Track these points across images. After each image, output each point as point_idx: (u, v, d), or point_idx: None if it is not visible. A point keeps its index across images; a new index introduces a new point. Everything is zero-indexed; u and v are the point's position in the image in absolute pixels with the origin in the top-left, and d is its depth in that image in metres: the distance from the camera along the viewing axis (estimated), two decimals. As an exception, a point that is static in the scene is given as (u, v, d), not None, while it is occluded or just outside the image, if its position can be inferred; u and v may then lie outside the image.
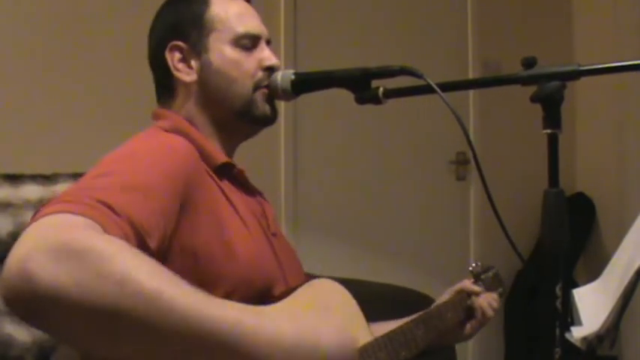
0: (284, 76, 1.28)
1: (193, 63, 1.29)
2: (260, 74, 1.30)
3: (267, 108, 1.30)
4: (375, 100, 1.22)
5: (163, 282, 0.85)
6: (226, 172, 1.26)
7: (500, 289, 1.76)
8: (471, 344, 3.56)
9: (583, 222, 3.77)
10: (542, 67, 1.07)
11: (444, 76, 1.20)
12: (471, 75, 3.58)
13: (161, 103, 1.34)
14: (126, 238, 0.92)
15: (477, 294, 1.62)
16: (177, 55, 1.29)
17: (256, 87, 1.30)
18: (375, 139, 3.36)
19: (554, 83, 1.04)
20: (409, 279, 2.75)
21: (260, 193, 1.39)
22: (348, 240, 3.24)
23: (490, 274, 1.74)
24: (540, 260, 3.53)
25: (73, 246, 0.82)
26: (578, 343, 1.19)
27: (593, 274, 1.37)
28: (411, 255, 3.38)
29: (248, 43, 1.30)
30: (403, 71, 1.18)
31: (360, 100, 1.24)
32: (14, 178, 1.98)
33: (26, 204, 1.93)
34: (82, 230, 0.86)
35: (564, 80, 1.05)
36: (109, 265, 0.82)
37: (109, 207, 0.92)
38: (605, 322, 1.16)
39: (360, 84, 1.23)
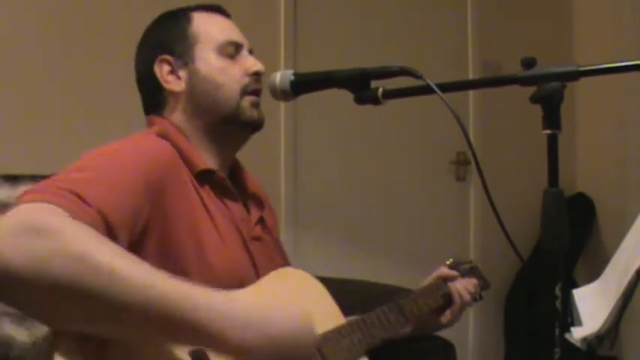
0: (283, 77, 1.28)
1: (181, 73, 1.34)
2: (247, 79, 1.35)
3: (254, 113, 1.35)
4: (375, 100, 1.22)
5: (116, 259, 0.90)
6: (207, 178, 1.29)
7: (481, 282, 1.77)
8: (471, 344, 3.56)
9: (583, 222, 3.77)
10: (541, 68, 1.07)
11: (444, 76, 1.20)
12: (471, 75, 3.58)
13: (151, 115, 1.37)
14: (94, 226, 0.96)
15: (453, 278, 1.66)
16: (166, 68, 1.34)
17: (244, 92, 1.34)
18: (375, 139, 3.36)
19: (554, 84, 1.04)
20: (409, 279, 2.74)
21: (253, 197, 1.42)
22: (348, 240, 3.23)
23: (467, 266, 1.77)
24: (540, 260, 3.53)
25: (34, 226, 0.88)
26: (578, 344, 1.19)
27: (593, 274, 1.37)
28: (410, 255, 3.37)
29: (231, 50, 1.35)
30: (402, 72, 1.18)
31: (360, 100, 1.23)
32: (14, 179, 1.97)
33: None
34: (46, 213, 0.92)
35: (564, 81, 1.05)
36: (65, 243, 0.88)
37: (79, 197, 0.98)
38: (605, 322, 1.16)
39: (360, 84, 1.23)
